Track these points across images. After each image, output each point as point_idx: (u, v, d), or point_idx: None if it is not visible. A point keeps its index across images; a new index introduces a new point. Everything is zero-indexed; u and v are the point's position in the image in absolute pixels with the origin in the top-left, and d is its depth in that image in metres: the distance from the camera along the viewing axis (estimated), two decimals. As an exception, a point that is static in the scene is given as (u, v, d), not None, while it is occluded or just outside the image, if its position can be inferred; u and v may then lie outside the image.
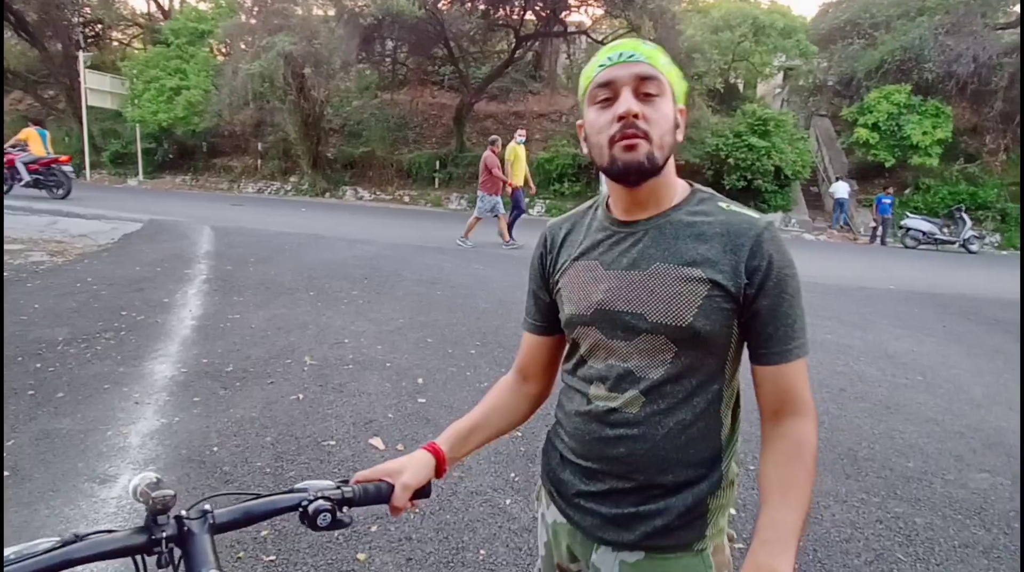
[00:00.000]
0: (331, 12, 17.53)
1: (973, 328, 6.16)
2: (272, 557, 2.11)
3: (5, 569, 0.62)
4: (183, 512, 0.72)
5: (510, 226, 9.74)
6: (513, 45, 18.02)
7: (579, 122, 0.94)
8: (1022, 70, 14.13)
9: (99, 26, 25.09)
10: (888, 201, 14.86)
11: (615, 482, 0.91)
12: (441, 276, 7.08)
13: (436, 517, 2.42)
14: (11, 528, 2.19)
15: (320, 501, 0.78)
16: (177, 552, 0.69)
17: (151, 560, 0.70)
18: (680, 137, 0.90)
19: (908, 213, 15.11)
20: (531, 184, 10.22)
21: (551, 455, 1.02)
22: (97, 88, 20.40)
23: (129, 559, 0.69)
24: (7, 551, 0.65)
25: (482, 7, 16.79)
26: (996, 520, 2.62)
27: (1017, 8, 16.43)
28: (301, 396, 3.52)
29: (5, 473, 2.55)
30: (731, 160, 15.42)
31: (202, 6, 22.14)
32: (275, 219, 12.27)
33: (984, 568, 2.29)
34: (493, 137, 9.71)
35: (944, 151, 15.53)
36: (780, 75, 20.95)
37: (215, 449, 2.83)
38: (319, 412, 3.33)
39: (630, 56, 0.85)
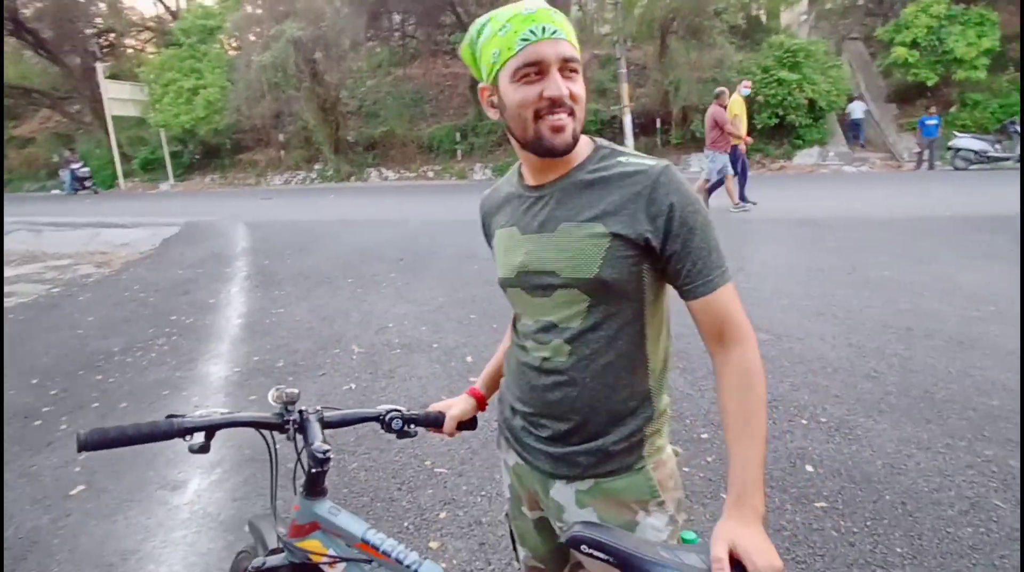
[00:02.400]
0: (335, -8, 17.23)
1: (1044, 249, 5.76)
2: (346, 551, 2.11)
3: (194, 421, 0.96)
4: (304, 408, 1.05)
5: (741, 185, 8.80)
6: (522, 3, 17.41)
7: (482, 86, 0.96)
8: (1022, 63, 13.09)
9: (112, 35, 25.32)
10: (933, 122, 13.97)
11: (556, 424, 1.00)
12: (475, 249, 6.99)
13: (504, 499, 2.38)
14: (93, 541, 2.25)
15: (393, 412, 1.14)
16: (299, 437, 1.03)
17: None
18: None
19: (956, 133, 14.18)
20: (744, 138, 8.76)
21: (504, 405, 1.12)
22: (118, 97, 20.72)
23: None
24: (197, 412, 0.98)
25: (486, -34, 16.24)
26: (1099, 455, 2.44)
27: None
28: (353, 385, 3.53)
29: (81, 487, 2.63)
30: (760, 97, 14.69)
31: (208, 2, 22.08)
32: (305, 209, 12.37)
33: (1093, 509, 2.14)
34: (719, 89, 8.63)
35: (991, 62, 14.46)
36: (805, 0, 19.74)
37: (278, 446, 2.85)
38: (372, 400, 3.33)
39: (553, 32, 0.87)
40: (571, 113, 0.90)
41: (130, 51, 26.60)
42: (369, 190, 16.64)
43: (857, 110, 16.08)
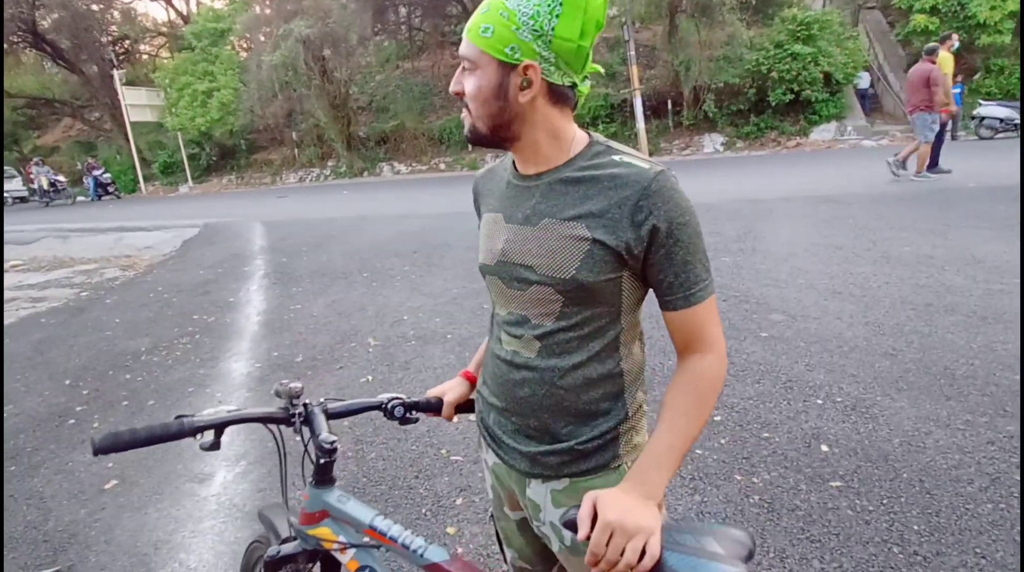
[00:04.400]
0: (341, -12, 17.26)
1: (1071, 218, 5.60)
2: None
3: (203, 420, 1.00)
4: (308, 400, 1.08)
5: (937, 151, 8.23)
6: (529, -11, 17.25)
7: None
8: (1022, 56, 12.56)
9: (127, 42, 25.72)
10: (957, 91, 13.53)
11: (524, 421, 0.98)
12: (489, 240, 7.02)
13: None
14: (127, 532, 2.35)
15: (395, 400, 1.15)
16: (305, 429, 1.08)
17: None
18: (524, 98, 0.87)
19: (980, 100, 13.76)
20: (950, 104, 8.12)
21: (479, 400, 1.10)
22: (136, 103, 21.09)
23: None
24: (206, 411, 1.02)
25: (491, -46, 16.09)
26: (1125, 427, 2.40)
27: None
28: (370, 377, 3.59)
29: (114, 482, 2.73)
30: (774, 74, 14.40)
31: (217, 4, 22.28)
32: (319, 206, 12.49)
33: (1117, 481, 2.10)
34: (930, 45, 7.96)
35: (1017, 24, 13.96)
36: (820, -29, 19.22)
37: (297, 439, 2.93)
38: (389, 391, 3.38)
39: (466, 31, 0.89)
40: (468, 110, 0.91)
41: (145, 57, 27.02)
42: (382, 185, 16.73)
43: (862, 81, 15.87)
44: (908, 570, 1.83)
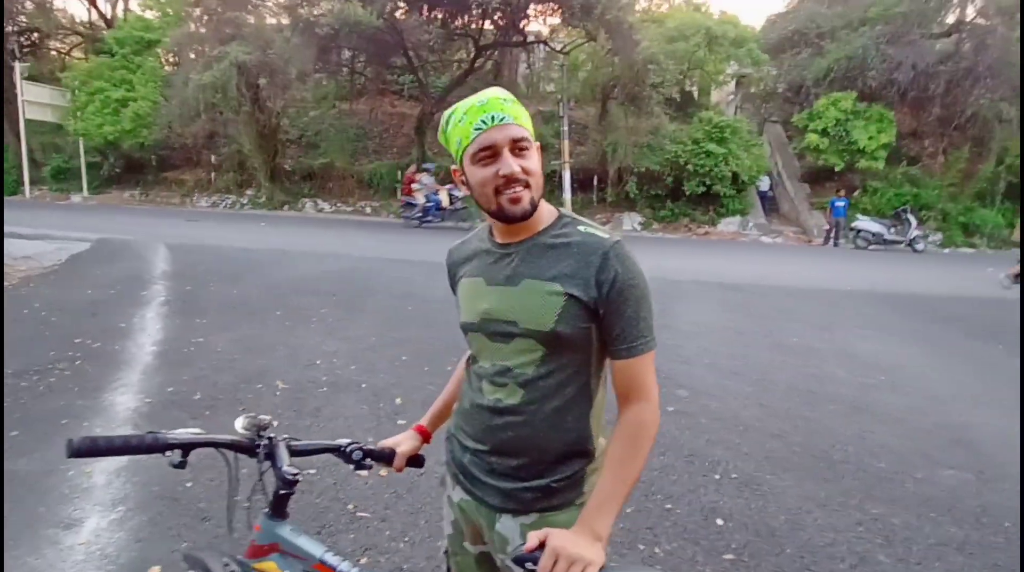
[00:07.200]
0: (285, 21, 17.20)
1: (929, 326, 6.44)
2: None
3: (175, 438, 1.03)
4: (273, 435, 1.11)
5: None
6: (473, 54, 18.03)
7: (454, 168, 1.12)
8: (1022, 83, 14.26)
9: (36, 35, 23.92)
10: (842, 204, 15.46)
11: (507, 460, 1.11)
12: (413, 289, 6.99)
13: (428, 544, 2.36)
14: (-32, 585, 2.03)
15: (355, 445, 1.21)
16: (266, 462, 1.10)
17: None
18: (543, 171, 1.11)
19: (858, 215, 15.72)
20: None
21: (453, 443, 1.22)
22: (35, 100, 19.49)
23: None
24: (176, 431, 1.04)
25: (441, 16, 16.74)
26: (966, 516, 2.73)
27: (950, 19, 17.39)
28: (275, 423, 3.39)
29: (-43, 523, 2.37)
30: (690, 166, 15.76)
31: (148, 15, 21.39)
32: (234, 234, 11.91)
33: (960, 565, 2.38)
34: None
35: (888, 154, 16.25)
36: (733, 83, 21.56)
37: (188, 485, 2.70)
38: (296, 439, 3.22)
39: (502, 119, 1.02)
40: (526, 185, 1.04)
41: (54, 54, 25.19)
42: (303, 220, 16.28)
43: (763, 183, 17.80)
44: (790, 645, 1.95)
